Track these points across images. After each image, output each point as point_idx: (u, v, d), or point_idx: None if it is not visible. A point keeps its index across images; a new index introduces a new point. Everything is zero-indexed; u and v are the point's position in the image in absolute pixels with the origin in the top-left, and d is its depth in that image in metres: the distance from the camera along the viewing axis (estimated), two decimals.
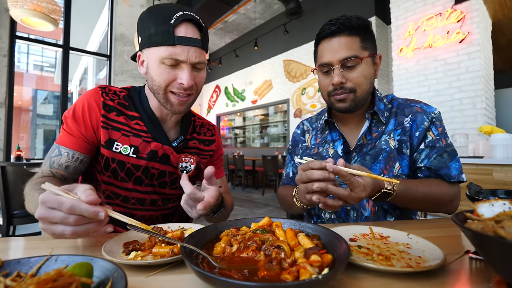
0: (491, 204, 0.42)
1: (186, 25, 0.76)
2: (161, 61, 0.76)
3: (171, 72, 0.77)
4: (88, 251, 0.58)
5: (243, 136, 10.21)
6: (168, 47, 0.74)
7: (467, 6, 3.68)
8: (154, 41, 0.75)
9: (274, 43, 7.60)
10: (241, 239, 0.49)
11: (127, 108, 0.86)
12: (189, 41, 0.75)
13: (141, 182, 0.88)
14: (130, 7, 4.55)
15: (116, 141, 0.82)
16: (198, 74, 0.82)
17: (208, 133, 1.04)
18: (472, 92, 3.65)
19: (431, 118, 0.91)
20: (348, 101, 0.90)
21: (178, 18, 0.74)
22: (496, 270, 0.38)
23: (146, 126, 0.86)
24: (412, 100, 0.99)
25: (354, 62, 0.86)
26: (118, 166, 0.84)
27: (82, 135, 0.80)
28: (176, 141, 0.90)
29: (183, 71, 0.77)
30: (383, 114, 0.94)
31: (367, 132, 0.94)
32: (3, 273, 0.35)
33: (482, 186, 0.66)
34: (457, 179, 0.87)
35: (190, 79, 0.77)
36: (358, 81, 0.88)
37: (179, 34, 0.74)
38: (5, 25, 3.44)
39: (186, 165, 0.95)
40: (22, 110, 11.38)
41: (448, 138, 0.92)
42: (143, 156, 0.85)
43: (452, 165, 0.87)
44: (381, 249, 0.53)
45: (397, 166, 0.89)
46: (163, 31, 0.74)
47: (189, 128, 0.98)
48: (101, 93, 0.83)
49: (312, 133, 1.09)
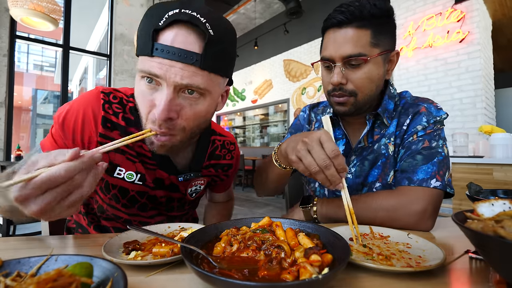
0: (491, 204, 0.42)
1: (179, 29, 0.53)
2: (141, 76, 0.57)
3: (149, 95, 0.56)
4: (88, 251, 0.58)
5: (243, 136, 10.21)
6: (146, 57, 0.54)
7: (467, 5, 3.68)
8: (137, 48, 0.56)
9: (274, 42, 7.59)
10: (241, 239, 0.49)
11: (133, 125, 0.67)
12: (173, 53, 0.51)
13: (146, 208, 0.77)
14: (130, 6, 4.55)
15: (119, 166, 0.68)
16: (189, 104, 0.57)
17: (228, 156, 0.86)
18: (472, 91, 3.65)
19: (434, 121, 0.79)
20: (348, 105, 0.79)
21: (169, 17, 0.52)
22: (496, 270, 0.38)
23: (150, 151, 0.68)
24: (422, 99, 0.85)
25: (359, 61, 0.73)
26: (119, 193, 0.71)
27: (66, 146, 0.64)
28: (182, 176, 0.74)
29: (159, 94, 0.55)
30: (390, 116, 0.83)
31: (369, 135, 0.85)
32: (3, 273, 0.34)
33: (482, 185, 0.66)
34: (418, 184, 0.71)
35: (165, 108, 0.53)
36: (361, 84, 0.76)
37: (163, 42, 0.52)
38: (5, 24, 3.44)
39: (196, 188, 0.82)
40: (22, 109, 11.38)
41: (436, 142, 0.77)
42: (149, 185, 0.72)
43: (422, 168, 0.73)
44: (381, 249, 0.53)
45: (391, 174, 0.81)
46: (145, 34, 0.54)
47: (205, 153, 0.80)
48: (102, 104, 0.65)
49: (315, 125, 0.99)
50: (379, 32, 0.74)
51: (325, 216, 0.79)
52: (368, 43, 0.73)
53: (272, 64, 7.80)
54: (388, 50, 0.77)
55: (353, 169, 0.86)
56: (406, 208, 0.69)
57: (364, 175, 0.84)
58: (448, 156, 0.79)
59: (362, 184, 0.85)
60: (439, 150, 0.76)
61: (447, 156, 0.78)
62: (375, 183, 0.83)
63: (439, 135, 0.79)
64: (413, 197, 0.71)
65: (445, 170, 0.75)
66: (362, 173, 0.84)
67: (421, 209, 0.69)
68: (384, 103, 0.83)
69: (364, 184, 0.85)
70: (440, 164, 0.74)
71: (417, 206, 0.69)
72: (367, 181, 0.84)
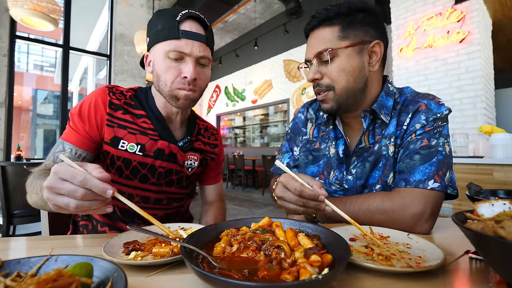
0: (491, 204, 0.42)
1: (191, 21, 0.79)
2: (166, 55, 0.78)
3: (175, 67, 0.79)
4: (88, 251, 0.58)
5: (243, 136, 10.21)
6: (173, 40, 0.77)
7: (467, 5, 3.68)
8: (160, 36, 0.78)
9: (274, 43, 7.60)
10: (241, 239, 0.49)
11: (133, 107, 0.86)
12: (193, 35, 0.78)
13: (147, 180, 0.88)
14: (130, 6, 4.55)
15: (122, 139, 0.83)
16: (202, 70, 0.83)
17: (212, 137, 1.05)
18: (472, 92, 3.65)
19: (433, 119, 0.76)
20: (329, 101, 0.81)
21: (183, 15, 0.78)
22: (496, 270, 0.38)
23: (153, 124, 0.86)
24: (422, 95, 0.82)
25: (329, 55, 0.77)
26: (123, 164, 0.84)
27: (87, 132, 0.81)
28: (182, 141, 0.91)
29: (187, 64, 0.79)
30: (389, 112, 0.81)
31: (370, 135, 0.83)
32: (3, 273, 0.35)
33: (482, 186, 0.66)
34: (415, 185, 0.70)
35: (194, 72, 0.78)
36: (334, 77, 0.78)
37: (184, 29, 0.78)
38: (5, 24, 3.44)
39: (191, 162, 0.95)
40: (22, 110, 11.38)
41: (435, 140, 0.75)
42: (149, 154, 0.85)
43: (420, 168, 0.72)
44: (381, 249, 0.53)
45: (391, 176, 0.79)
46: (169, 26, 0.77)
47: (194, 130, 0.99)
48: (108, 92, 0.84)
49: (316, 122, 0.97)
50: (347, 26, 0.77)
51: (323, 215, 0.78)
52: (336, 38, 0.77)
53: (272, 64, 7.80)
54: (362, 42, 0.78)
55: (353, 171, 0.84)
56: (402, 210, 0.68)
57: (365, 177, 0.82)
58: (450, 154, 0.75)
59: (363, 186, 0.83)
60: (439, 149, 0.73)
61: (448, 155, 0.74)
62: (375, 184, 0.81)
63: (440, 133, 0.76)
64: (409, 199, 0.69)
65: (445, 170, 0.72)
66: (363, 174, 0.82)
67: (418, 212, 0.67)
68: (380, 99, 0.82)
69: (365, 186, 0.83)
70: (439, 164, 0.72)
71: (413, 208, 0.68)
72: (368, 183, 0.83)
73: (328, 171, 0.89)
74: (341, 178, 0.86)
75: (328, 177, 0.88)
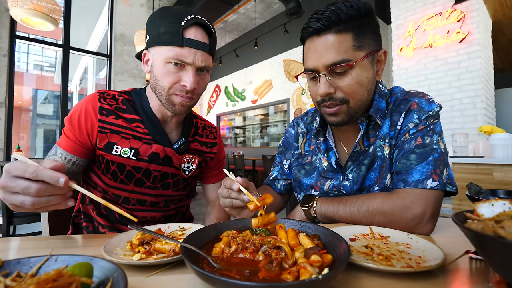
0: (491, 204, 0.42)
1: (196, 28, 0.76)
2: (167, 61, 0.76)
3: (175, 74, 0.77)
4: (88, 251, 0.58)
5: (243, 136, 10.21)
6: (175, 47, 0.74)
7: (467, 5, 3.68)
8: (162, 40, 0.75)
9: (274, 42, 7.59)
10: (240, 241, 0.48)
11: (125, 112, 0.85)
12: (197, 44, 0.75)
13: (142, 184, 0.88)
14: (130, 6, 4.54)
15: (116, 144, 0.82)
16: (202, 79, 0.82)
17: (210, 136, 1.03)
18: (472, 91, 3.65)
19: (425, 117, 0.75)
20: (341, 115, 0.76)
21: (189, 20, 0.74)
22: (496, 270, 0.38)
23: (147, 128, 0.85)
24: (412, 94, 0.81)
25: (344, 67, 0.70)
26: (117, 169, 0.84)
27: (77, 138, 0.81)
28: (177, 143, 0.89)
29: (187, 73, 0.77)
30: (383, 115, 0.80)
31: (364, 138, 0.82)
32: (3, 273, 0.35)
33: (482, 186, 0.66)
34: (414, 186, 0.69)
35: (194, 83, 0.77)
36: (351, 90, 0.72)
37: (188, 36, 0.75)
38: (5, 24, 3.44)
39: (188, 165, 0.94)
40: (22, 110, 11.38)
41: (429, 138, 0.73)
42: (144, 158, 0.85)
43: (417, 168, 0.70)
44: (381, 249, 0.53)
45: (389, 177, 0.78)
46: (172, 31, 0.74)
47: (191, 130, 0.97)
48: (98, 98, 0.83)
49: (307, 136, 0.97)
50: (361, 33, 0.70)
51: (324, 215, 0.78)
52: (351, 47, 0.70)
53: (272, 64, 7.80)
54: (374, 51, 0.73)
55: (350, 176, 0.82)
56: (402, 212, 0.67)
57: (361, 180, 0.81)
58: (445, 151, 0.74)
59: (360, 189, 0.82)
60: (434, 147, 0.72)
61: (443, 152, 0.73)
62: (373, 186, 0.80)
63: (433, 130, 0.75)
64: (409, 200, 0.68)
65: (442, 167, 0.71)
66: (359, 178, 0.81)
67: (419, 213, 0.66)
68: (375, 103, 0.80)
69: (362, 189, 0.82)
70: (436, 162, 0.70)
71: (414, 210, 0.66)
72: (365, 185, 0.81)
73: (322, 182, 0.88)
74: (338, 184, 0.85)
75: (322, 187, 0.88)
